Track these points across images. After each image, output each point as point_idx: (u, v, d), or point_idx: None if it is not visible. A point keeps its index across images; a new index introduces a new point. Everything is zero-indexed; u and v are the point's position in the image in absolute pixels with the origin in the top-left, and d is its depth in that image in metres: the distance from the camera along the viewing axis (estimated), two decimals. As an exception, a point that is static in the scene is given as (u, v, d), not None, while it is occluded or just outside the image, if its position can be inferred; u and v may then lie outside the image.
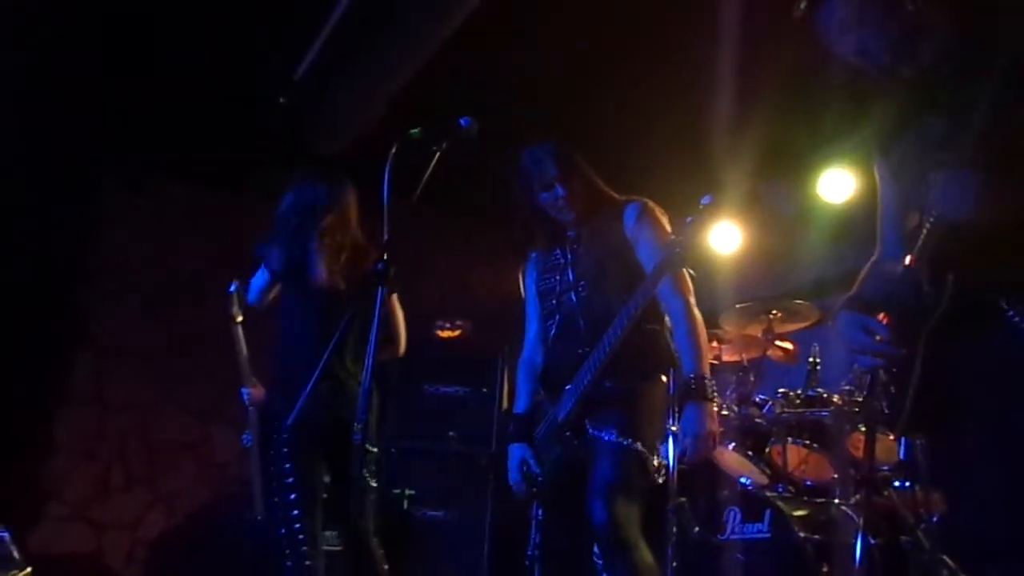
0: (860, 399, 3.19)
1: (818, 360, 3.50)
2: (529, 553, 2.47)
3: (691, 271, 2.48)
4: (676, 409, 2.42)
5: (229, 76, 4.45)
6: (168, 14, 4.07)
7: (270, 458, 2.95)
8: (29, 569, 3.50)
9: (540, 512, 2.47)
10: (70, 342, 5.05)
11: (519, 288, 2.78)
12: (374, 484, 2.98)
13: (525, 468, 2.49)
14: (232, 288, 3.71)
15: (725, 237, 4.80)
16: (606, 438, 2.26)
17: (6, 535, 3.56)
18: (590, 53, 4.05)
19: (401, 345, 3.59)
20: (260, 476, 3.52)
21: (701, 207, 2.24)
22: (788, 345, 3.87)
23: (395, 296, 3.58)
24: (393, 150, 2.21)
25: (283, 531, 2.69)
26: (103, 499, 4.99)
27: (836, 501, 3.13)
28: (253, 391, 3.52)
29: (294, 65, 4.46)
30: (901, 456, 3.10)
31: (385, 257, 2.13)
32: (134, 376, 5.17)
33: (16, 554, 3.53)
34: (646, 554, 2.17)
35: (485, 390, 4.53)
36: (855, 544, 2.70)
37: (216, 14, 4.03)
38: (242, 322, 3.67)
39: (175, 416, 5.23)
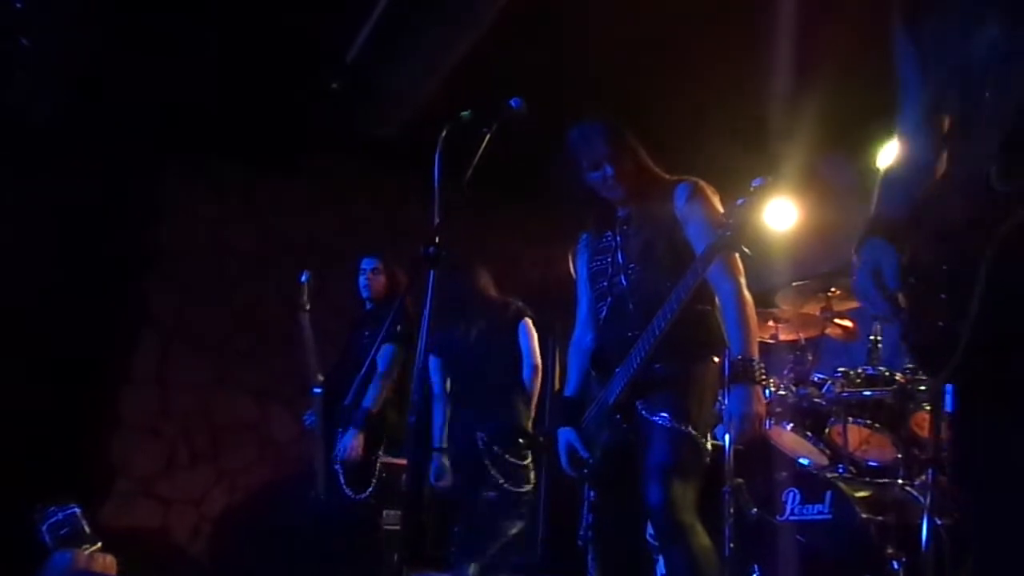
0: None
1: (879, 337, 3.40)
2: (581, 535, 2.46)
3: (746, 249, 2.43)
4: (727, 390, 2.38)
5: (282, 61, 4.50)
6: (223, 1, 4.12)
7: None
8: (100, 544, 3.64)
9: (592, 494, 2.46)
10: (134, 324, 5.21)
11: (569, 270, 2.76)
12: None
13: (572, 452, 2.49)
14: (304, 278, 3.76)
15: (781, 213, 4.69)
16: (659, 421, 2.24)
17: (77, 510, 3.71)
18: (643, 29, 3.98)
19: (529, 369, 3.65)
20: (323, 456, 3.62)
21: (752, 188, 2.19)
22: (847, 323, 3.76)
23: (529, 320, 3.73)
24: (443, 133, 2.20)
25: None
26: (168, 476, 5.16)
27: (900, 482, 3.05)
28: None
29: (345, 49, 4.48)
30: (947, 408, 2.99)
31: (436, 240, 2.13)
32: (195, 356, 5.32)
33: (87, 529, 3.67)
34: (703, 537, 2.15)
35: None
36: (921, 525, 2.63)
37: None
38: (310, 311, 3.73)
39: (235, 396, 5.37)
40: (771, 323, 3.75)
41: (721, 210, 2.35)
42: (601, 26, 4.00)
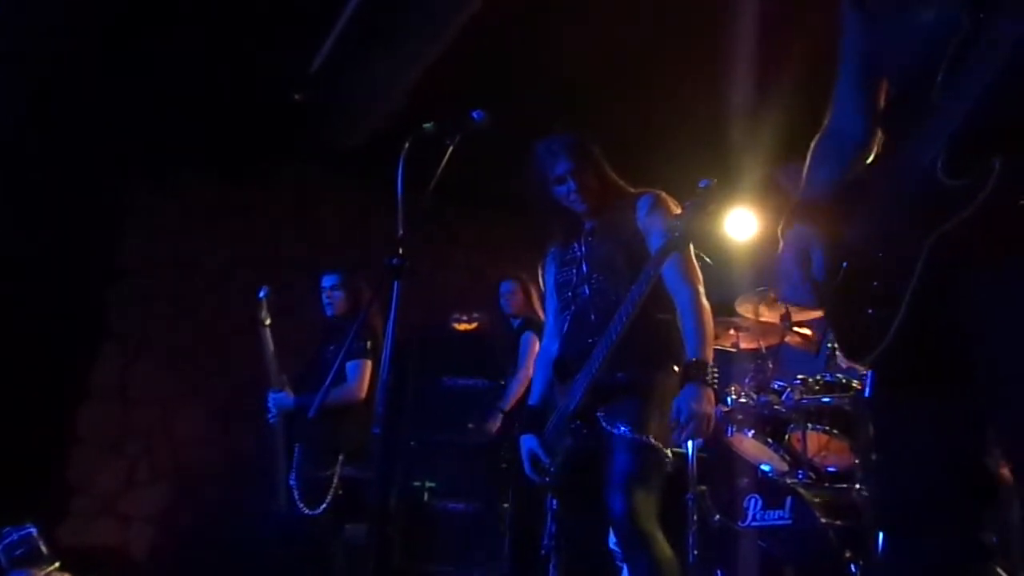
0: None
1: (836, 345, 3.46)
2: (545, 543, 2.46)
3: (706, 258, 2.47)
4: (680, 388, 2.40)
5: (247, 72, 4.47)
6: (185, 11, 4.08)
7: None
8: (58, 564, 3.55)
9: (555, 503, 2.47)
10: (95, 337, 5.11)
11: (538, 281, 2.79)
12: None
13: (535, 459, 2.50)
14: (262, 294, 3.79)
15: (741, 223, 4.77)
16: (620, 432, 2.26)
17: (34, 531, 3.62)
18: (607, 43, 4.03)
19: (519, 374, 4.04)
20: (284, 469, 3.60)
21: (699, 190, 2.23)
22: (806, 331, 3.83)
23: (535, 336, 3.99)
24: (406, 145, 2.21)
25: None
26: (129, 492, 5.06)
27: (858, 487, 3.11)
28: (281, 392, 3.65)
29: (309, 61, 4.46)
30: (864, 393, 3.05)
31: (400, 252, 2.13)
32: (157, 371, 5.22)
33: (45, 549, 3.59)
34: (665, 547, 2.16)
35: (503, 382, 4.54)
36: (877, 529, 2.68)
37: (231, 10, 4.04)
38: (270, 325, 3.73)
39: (198, 410, 5.29)
40: (732, 331, 3.80)
41: None
42: (565, 39, 4.03)
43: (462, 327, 4.93)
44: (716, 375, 2.29)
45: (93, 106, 4.59)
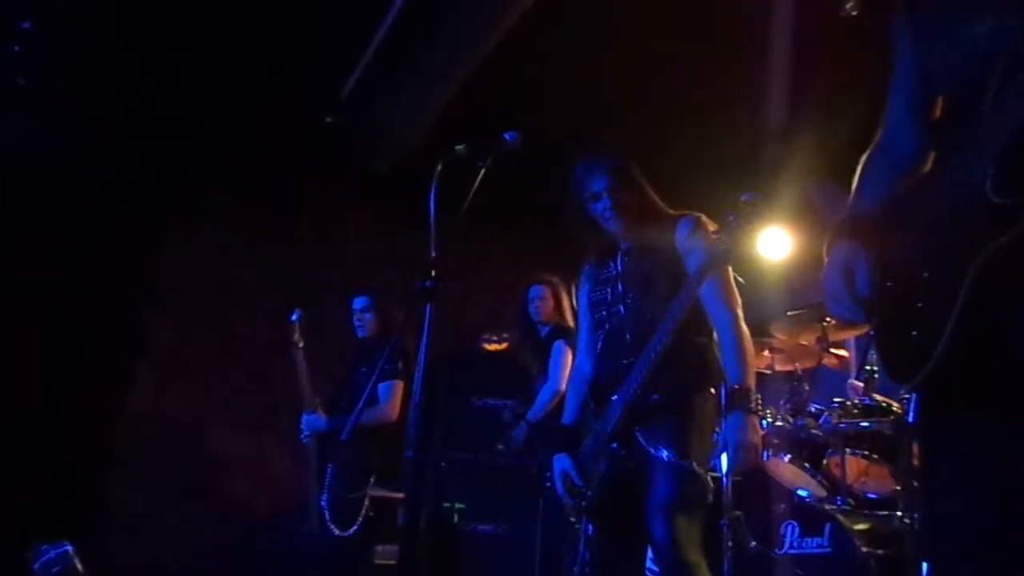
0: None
1: (875, 368, 3.39)
2: (577, 571, 2.42)
3: (739, 278, 2.43)
4: (723, 419, 2.36)
5: (278, 96, 4.53)
6: (217, 36, 4.15)
7: None
8: (92, 582, 3.57)
9: (590, 528, 2.43)
10: (128, 356, 5.17)
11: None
12: None
13: (567, 480, 2.47)
14: (294, 317, 3.80)
15: (775, 243, 4.71)
16: (661, 456, 2.23)
17: (70, 548, 3.65)
18: (638, 62, 4.01)
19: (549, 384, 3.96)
20: (316, 490, 3.60)
21: (742, 204, 2.21)
22: (843, 352, 3.76)
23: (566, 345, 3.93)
24: (439, 167, 2.21)
25: None
26: (161, 511, 5.08)
27: (900, 514, 3.02)
28: (314, 414, 3.67)
29: (341, 84, 4.51)
30: (908, 418, 2.98)
31: (433, 274, 2.12)
32: (191, 390, 5.27)
33: (80, 567, 3.61)
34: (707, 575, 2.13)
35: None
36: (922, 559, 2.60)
37: (263, 34, 4.10)
38: (303, 348, 3.73)
39: (230, 429, 5.31)
40: (767, 353, 3.74)
41: None
42: (598, 59, 4.03)
43: (492, 347, 4.92)
44: (760, 400, 2.25)
45: (131, 128, 4.68)
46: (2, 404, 4.36)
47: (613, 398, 2.34)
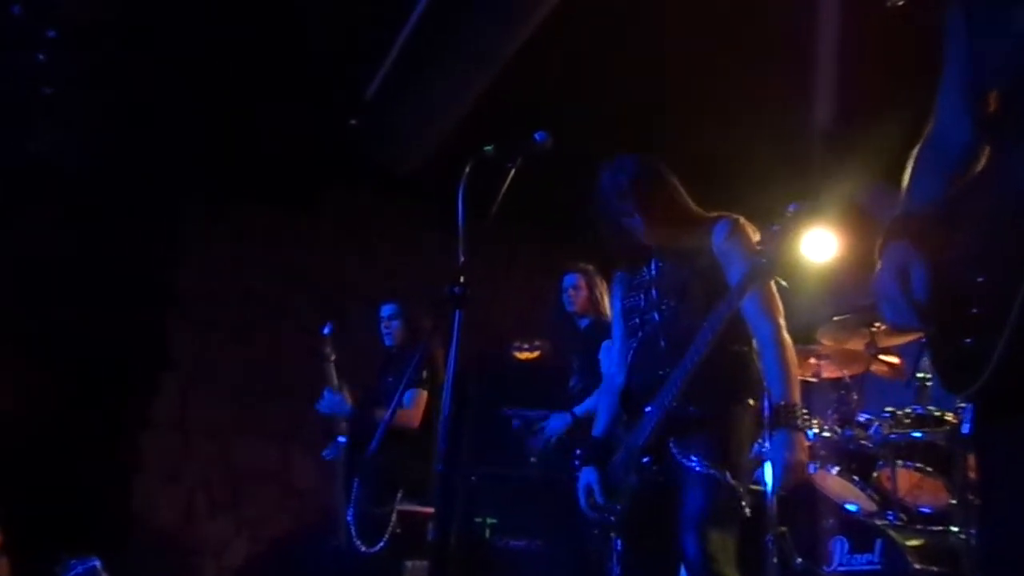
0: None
1: (928, 375, 3.33)
2: (607, 587, 2.41)
3: (782, 282, 2.40)
4: (768, 436, 2.34)
5: (300, 100, 4.57)
6: (238, 39, 4.20)
7: None
8: (121, 596, 3.63)
9: (620, 544, 2.41)
10: (153, 367, 5.25)
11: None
12: None
13: (590, 495, 2.46)
14: (327, 330, 3.82)
15: (820, 245, 4.64)
16: (694, 466, 2.21)
17: (98, 563, 3.71)
18: (678, 58, 3.98)
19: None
20: (343, 505, 3.61)
21: (787, 214, 2.17)
22: (894, 359, 3.69)
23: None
24: (467, 168, 2.20)
25: None
26: (188, 526, 5.14)
27: (955, 529, 2.96)
28: (338, 395, 3.69)
29: (364, 86, 4.54)
30: (964, 429, 2.92)
31: (461, 279, 2.12)
32: (215, 401, 5.33)
33: None
34: None
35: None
36: (978, 577, 2.55)
37: (285, 36, 4.15)
38: (335, 361, 3.72)
39: (256, 441, 5.37)
40: (813, 360, 3.70)
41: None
42: (630, 57, 4.00)
43: (523, 356, 4.91)
44: (806, 415, 2.23)
45: (152, 135, 4.75)
46: (26, 417, 4.45)
47: (647, 410, 2.32)
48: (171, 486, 5.16)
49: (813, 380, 3.72)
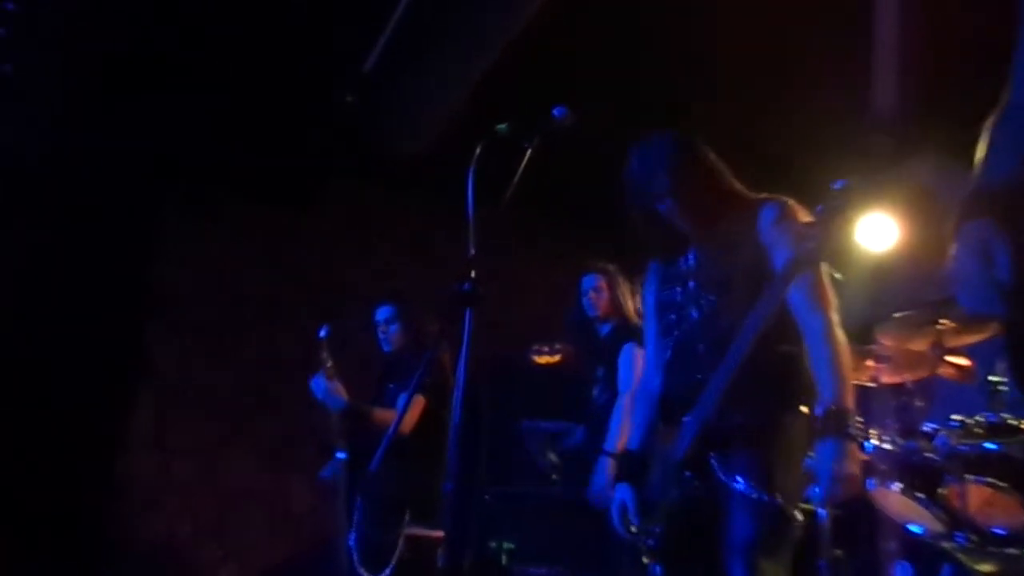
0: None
1: (1002, 379, 3.32)
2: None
3: (835, 274, 2.40)
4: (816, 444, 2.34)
5: (290, 74, 4.59)
6: (223, 13, 4.23)
7: None
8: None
9: (658, 570, 2.42)
10: (131, 379, 5.30)
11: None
12: None
13: (624, 515, 2.48)
14: (323, 333, 3.82)
15: (879, 231, 4.62)
16: (740, 487, 2.22)
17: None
18: (713, 20, 3.94)
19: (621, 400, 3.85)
20: (343, 528, 3.64)
21: (834, 192, 2.18)
22: (963, 361, 3.67)
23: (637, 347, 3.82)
24: (477, 150, 2.22)
25: None
26: (169, 552, 5.19)
27: (1035, 553, 2.96)
28: (330, 382, 3.70)
29: (361, 58, 4.56)
30: None
31: (472, 275, 2.14)
32: (199, 415, 5.38)
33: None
34: None
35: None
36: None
37: (274, 9, 4.17)
38: (332, 366, 3.76)
39: (245, 461, 5.42)
40: (870, 363, 3.68)
41: None
42: (662, 21, 3.99)
43: (543, 360, 4.92)
44: (860, 421, 2.23)
45: (125, 119, 4.77)
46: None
47: (685, 419, 2.33)
48: (150, 512, 5.21)
49: (871, 386, 3.70)
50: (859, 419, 2.26)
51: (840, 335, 2.29)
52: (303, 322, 4.32)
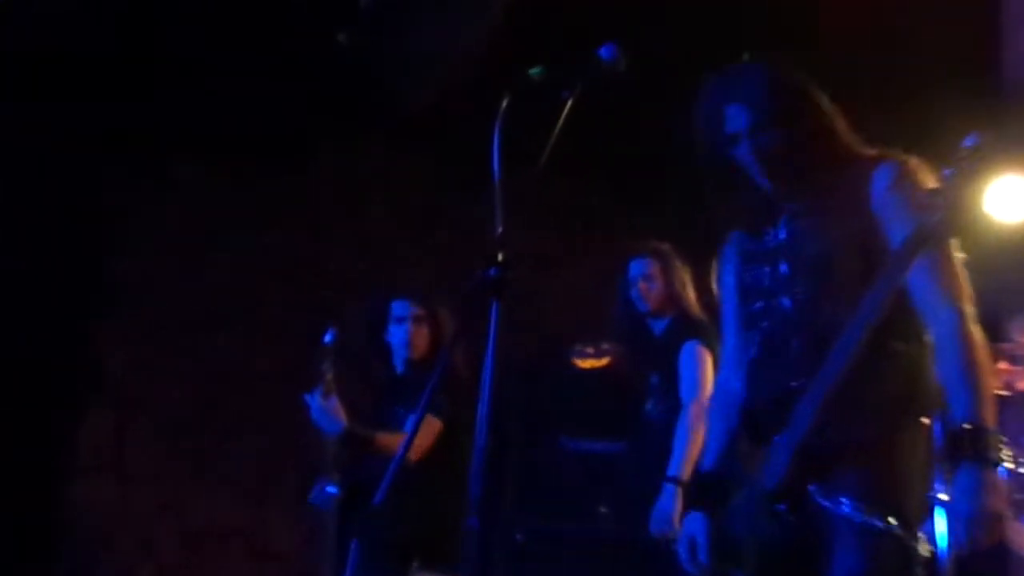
0: None
1: None
2: None
3: (960, 252, 2.36)
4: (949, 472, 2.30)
5: (268, 12, 4.56)
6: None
7: None
8: None
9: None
10: (81, 393, 5.32)
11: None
12: None
13: (695, 553, 2.47)
14: (328, 338, 3.77)
15: (1012, 199, 4.54)
16: (845, 512, 2.18)
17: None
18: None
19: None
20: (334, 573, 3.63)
21: (963, 151, 2.16)
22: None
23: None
24: (504, 102, 2.16)
25: None
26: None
27: None
28: (329, 399, 3.66)
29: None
30: None
31: (499, 258, 2.08)
32: (164, 438, 5.39)
33: None
34: None
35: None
36: None
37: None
38: (331, 378, 3.70)
39: (218, 489, 5.42)
40: (1003, 365, 3.74)
41: None
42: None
43: (587, 363, 4.91)
44: (1002, 443, 2.17)
45: (69, 78, 4.76)
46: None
47: (776, 438, 2.30)
48: (106, 551, 5.24)
49: (1005, 394, 3.71)
50: (1002, 438, 2.19)
51: (976, 332, 2.24)
52: (286, 320, 4.28)
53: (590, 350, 4.92)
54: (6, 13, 4.34)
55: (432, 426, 3.72)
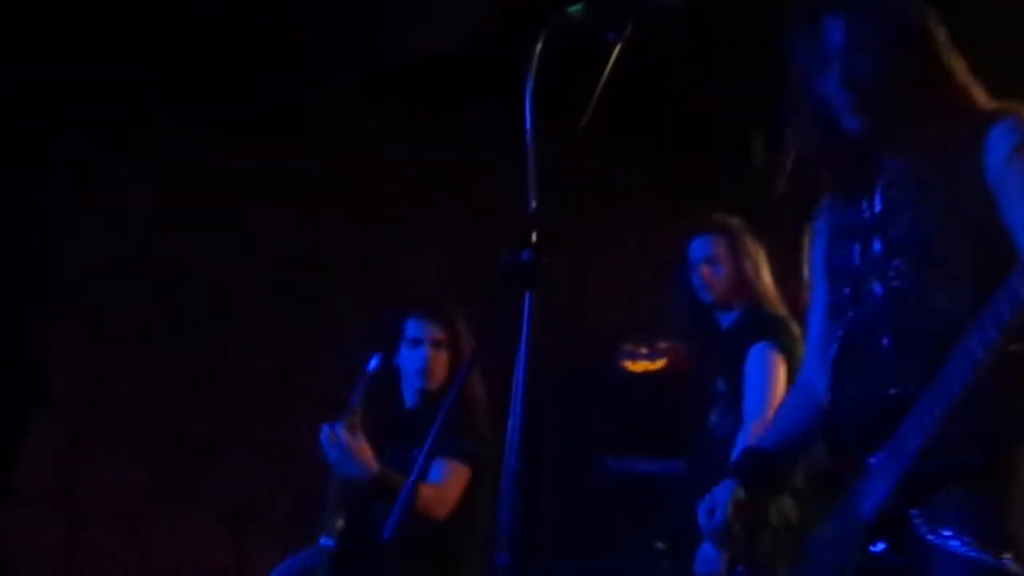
0: None
1: None
2: None
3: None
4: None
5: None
6: None
7: None
8: None
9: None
10: (23, 405, 5.36)
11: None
12: None
13: (712, 512, 2.56)
14: (373, 365, 3.82)
15: None
16: (953, 547, 2.18)
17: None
18: None
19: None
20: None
21: None
22: None
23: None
24: (538, 45, 2.18)
25: None
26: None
27: None
28: (352, 433, 3.66)
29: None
30: None
31: (533, 239, 2.10)
32: (123, 458, 5.43)
33: None
34: None
35: (716, 463, 4.50)
36: None
37: None
38: (359, 413, 3.74)
39: (188, 523, 5.46)
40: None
41: None
42: None
43: (639, 366, 4.95)
44: None
45: (14, 37, 4.81)
46: None
47: (872, 461, 2.32)
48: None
49: None
50: None
51: None
52: (271, 320, 4.27)
53: (643, 350, 4.95)
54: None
55: (460, 473, 3.74)
